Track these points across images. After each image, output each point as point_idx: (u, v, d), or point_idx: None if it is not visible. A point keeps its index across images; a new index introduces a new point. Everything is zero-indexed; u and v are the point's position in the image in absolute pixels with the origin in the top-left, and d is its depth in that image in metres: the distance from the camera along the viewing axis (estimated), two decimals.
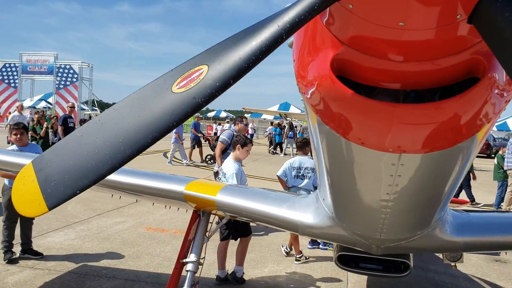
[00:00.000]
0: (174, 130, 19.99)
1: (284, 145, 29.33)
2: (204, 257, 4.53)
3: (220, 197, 3.93)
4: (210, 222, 4.72)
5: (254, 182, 15.38)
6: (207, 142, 22.76)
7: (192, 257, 4.37)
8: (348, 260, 4.52)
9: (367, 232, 2.86)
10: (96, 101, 51.84)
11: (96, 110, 50.53)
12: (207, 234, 4.60)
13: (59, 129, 14.49)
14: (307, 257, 7.43)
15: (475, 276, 7.00)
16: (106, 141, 1.61)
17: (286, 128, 29.92)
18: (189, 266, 4.33)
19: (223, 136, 9.03)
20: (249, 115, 60.06)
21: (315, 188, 7.65)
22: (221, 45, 1.50)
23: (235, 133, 8.84)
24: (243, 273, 6.28)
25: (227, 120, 44.74)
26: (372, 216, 2.54)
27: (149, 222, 9.47)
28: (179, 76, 1.53)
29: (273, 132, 30.74)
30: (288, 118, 38.24)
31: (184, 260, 4.39)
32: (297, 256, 7.31)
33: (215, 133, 39.41)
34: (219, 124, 41.53)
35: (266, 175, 16.35)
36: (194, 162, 20.68)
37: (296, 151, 7.85)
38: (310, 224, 3.39)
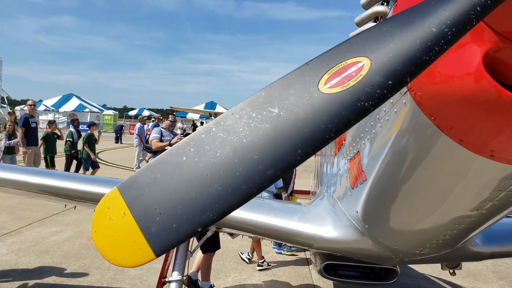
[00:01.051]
0: (137, 132, 18.45)
1: None
2: (187, 274, 4.09)
3: None
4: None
5: None
6: None
7: (175, 275, 3.89)
8: (329, 268, 4.33)
9: (410, 247, 2.64)
10: (6, 97, 47.57)
11: (5, 107, 46.43)
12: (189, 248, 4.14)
13: (20, 131, 11.94)
14: (269, 263, 7.17)
15: (432, 276, 7.15)
16: (233, 158, 1.19)
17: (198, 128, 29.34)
18: (173, 286, 3.86)
19: (154, 134, 9.13)
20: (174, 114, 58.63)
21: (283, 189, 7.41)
22: (379, 30, 1.15)
23: (162, 130, 9.05)
24: (213, 286, 5.85)
25: (152, 119, 43.21)
26: (435, 233, 2.31)
27: (89, 231, 8.61)
28: (325, 71, 1.15)
29: None
30: (213, 117, 37.85)
31: (167, 279, 3.90)
32: (260, 261, 7.02)
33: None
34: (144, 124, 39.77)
35: None
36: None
37: None
38: (331, 238, 3.10)
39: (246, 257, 7.24)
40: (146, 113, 62.59)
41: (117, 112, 60.63)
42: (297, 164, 1.14)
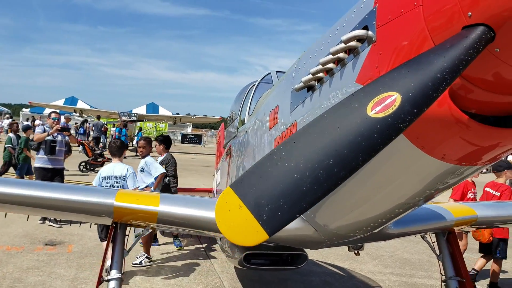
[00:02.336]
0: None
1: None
2: (124, 272, 4.21)
3: (164, 207, 3.71)
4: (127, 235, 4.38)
5: None
6: (81, 147, 19.79)
7: (113, 273, 4.02)
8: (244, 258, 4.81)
9: (348, 231, 3.20)
10: None
11: None
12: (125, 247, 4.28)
13: None
14: (171, 257, 7.42)
15: (319, 260, 8.07)
16: (314, 163, 1.59)
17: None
18: (112, 284, 3.98)
19: (37, 130, 9.77)
20: (27, 109, 53.69)
21: None
22: (399, 73, 1.64)
23: (46, 128, 9.56)
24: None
25: (6, 115, 39.16)
26: (376, 218, 2.88)
27: None
28: (369, 101, 1.62)
29: (117, 133, 27.79)
30: (84, 115, 35.90)
31: (106, 278, 4.00)
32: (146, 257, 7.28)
33: None
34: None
35: None
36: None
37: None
38: None
39: (144, 261, 7.28)
40: None
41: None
42: (360, 167, 1.59)
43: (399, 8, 2.03)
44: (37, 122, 37.03)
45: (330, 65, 2.62)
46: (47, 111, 50.28)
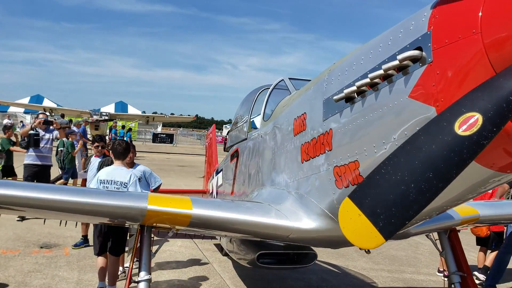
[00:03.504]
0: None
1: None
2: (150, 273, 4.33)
3: (197, 210, 3.84)
4: (152, 237, 4.48)
5: None
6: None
7: (143, 275, 4.14)
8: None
9: None
10: None
11: None
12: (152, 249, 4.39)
13: None
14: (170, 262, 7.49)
15: None
16: (417, 176, 1.83)
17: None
18: (142, 285, 4.11)
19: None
20: None
21: None
22: (476, 96, 1.90)
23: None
24: None
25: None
26: (414, 220, 3.13)
27: None
28: (455, 120, 1.87)
29: (113, 135, 26.96)
30: (53, 114, 35.02)
31: (136, 279, 4.12)
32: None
33: None
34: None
35: None
36: None
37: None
38: (308, 228, 3.73)
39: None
40: None
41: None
42: (454, 179, 1.83)
43: (457, 33, 2.28)
44: (5, 121, 35.94)
45: (377, 80, 2.86)
46: (11, 109, 48.89)
